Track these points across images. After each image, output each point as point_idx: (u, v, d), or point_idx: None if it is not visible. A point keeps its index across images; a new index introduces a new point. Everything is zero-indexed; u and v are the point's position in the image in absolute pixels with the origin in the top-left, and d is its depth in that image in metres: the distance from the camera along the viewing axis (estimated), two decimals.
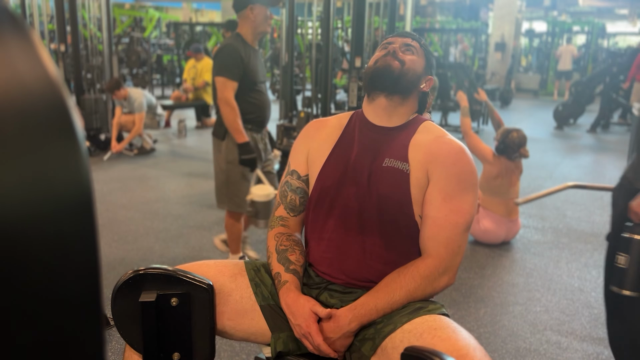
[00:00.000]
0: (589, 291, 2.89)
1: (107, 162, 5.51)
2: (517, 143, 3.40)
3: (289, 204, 1.40)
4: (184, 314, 1.18)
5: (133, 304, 1.15)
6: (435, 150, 1.27)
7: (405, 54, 1.34)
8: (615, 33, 17.54)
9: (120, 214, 3.90)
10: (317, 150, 1.39)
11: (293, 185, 1.40)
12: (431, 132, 1.32)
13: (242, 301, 1.29)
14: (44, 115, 0.38)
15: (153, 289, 1.17)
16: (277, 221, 1.41)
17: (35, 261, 0.38)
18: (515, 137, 3.40)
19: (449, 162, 1.25)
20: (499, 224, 3.45)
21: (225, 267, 1.34)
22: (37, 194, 0.37)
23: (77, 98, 5.72)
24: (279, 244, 1.35)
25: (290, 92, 4.94)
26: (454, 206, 1.24)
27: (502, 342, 2.34)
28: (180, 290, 1.18)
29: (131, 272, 1.18)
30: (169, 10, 21.57)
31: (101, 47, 6.24)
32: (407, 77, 1.32)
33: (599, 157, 6.70)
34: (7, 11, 0.39)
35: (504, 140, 3.42)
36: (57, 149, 0.38)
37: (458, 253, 1.24)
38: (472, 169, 1.28)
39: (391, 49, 1.34)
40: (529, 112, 10.88)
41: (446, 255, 1.23)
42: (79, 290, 0.40)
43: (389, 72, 1.31)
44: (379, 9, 4.96)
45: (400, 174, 1.27)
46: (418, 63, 1.34)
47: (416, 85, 1.35)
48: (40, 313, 0.39)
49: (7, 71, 0.37)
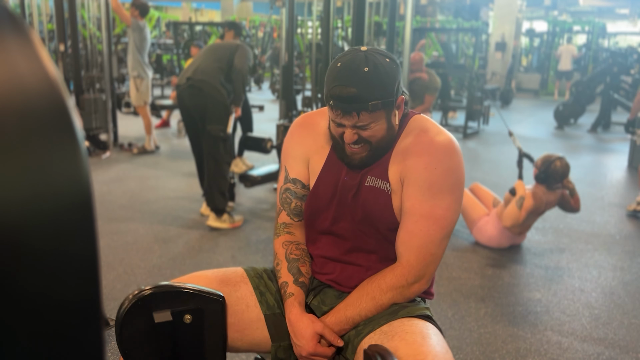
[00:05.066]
0: (590, 291, 2.89)
1: (106, 162, 5.51)
2: (560, 173, 3.17)
3: (294, 210, 1.36)
4: (196, 330, 1.12)
5: (144, 325, 1.07)
6: (408, 153, 1.20)
7: (363, 134, 1.17)
8: (616, 33, 17.53)
9: (119, 214, 3.90)
10: (317, 162, 1.33)
11: (298, 194, 1.35)
12: (412, 133, 1.23)
13: (248, 310, 1.25)
14: (44, 115, 0.37)
15: (163, 308, 1.09)
16: (282, 229, 1.37)
17: (34, 261, 0.38)
18: (559, 166, 3.15)
19: (421, 166, 1.17)
20: (505, 236, 3.40)
21: (226, 276, 1.29)
22: (36, 194, 0.37)
23: (76, 98, 5.72)
24: (288, 252, 1.31)
25: (290, 92, 4.94)
26: (425, 212, 1.16)
27: (502, 343, 2.33)
28: (193, 306, 1.11)
29: (137, 292, 1.09)
30: (169, 10, 21.58)
31: (100, 47, 6.24)
32: (380, 145, 1.20)
33: (600, 157, 6.70)
34: (6, 11, 0.39)
35: (546, 170, 3.18)
36: (56, 149, 0.38)
37: (431, 262, 1.18)
38: (447, 169, 1.17)
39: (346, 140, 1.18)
40: (530, 112, 10.87)
41: (417, 264, 1.17)
42: (79, 290, 0.40)
43: (360, 161, 1.22)
44: (379, 9, 4.96)
45: (382, 194, 1.22)
46: (379, 125, 1.17)
47: (392, 132, 1.21)
48: (40, 313, 0.39)
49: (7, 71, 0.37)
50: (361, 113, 1.13)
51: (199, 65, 3.54)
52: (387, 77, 1.13)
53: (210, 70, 3.50)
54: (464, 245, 3.50)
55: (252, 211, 4.03)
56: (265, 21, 11.53)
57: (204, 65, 3.52)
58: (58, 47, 5.79)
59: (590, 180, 5.36)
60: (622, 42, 17.81)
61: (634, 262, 3.31)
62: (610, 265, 3.26)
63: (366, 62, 1.12)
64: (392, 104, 1.15)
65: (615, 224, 4.08)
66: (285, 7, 4.95)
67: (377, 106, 1.12)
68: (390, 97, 1.14)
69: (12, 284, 0.36)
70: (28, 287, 0.37)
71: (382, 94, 1.12)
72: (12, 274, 0.36)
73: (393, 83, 1.14)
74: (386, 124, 1.18)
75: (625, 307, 2.71)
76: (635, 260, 3.36)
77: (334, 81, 1.13)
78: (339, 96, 1.12)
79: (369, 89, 1.11)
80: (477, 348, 2.28)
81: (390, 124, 1.19)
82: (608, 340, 2.39)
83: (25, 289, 0.37)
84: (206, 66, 3.52)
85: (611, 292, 2.88)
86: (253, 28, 14.73)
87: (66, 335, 0.39)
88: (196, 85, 3.48)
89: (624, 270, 3.19)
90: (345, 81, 1.11)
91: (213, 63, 3.55)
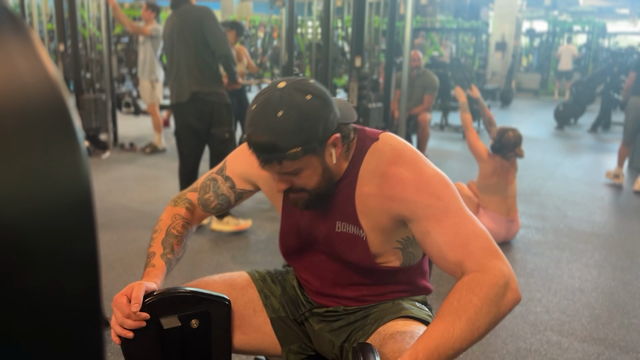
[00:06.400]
0: (590, 291, 2.89)
1: (106, 162, 5.51)
2: (512, 142, 3.41)
3: (204, 200, 1.29)
4: (203, 334, 1.11)
5: (152, 332, 1.05)
6: (390, 193, 1.06)
7: (295, 181, 1.06)
8: (616, 33, 17.53)
9: (119, 214, 3.90)
10: (275, 198, 1.24)
11: (220, 190, 1.27)
12: (377, 170, 1.08)
13: (255, 315, 1.25)
14: (44, 115, 0.37)
15: (170, 313, 1.06)
16: (184, 202, 1.30)
17: (34, 261, 0.38)
18: (511, 136, 3.41)
19: (412, 195, 1.04)
20: (498, 222, 3.46)
21: (233, 279, 1.29)
22: (36, 193, 0.37)
23: (76, 98, 5.73)
24: (172, 225, 1.24)
25: None
26: (459, 215, 1.03)
27: (502, 343, 2.33)
28: (199, 310, 1.09)
29: (144, 299, 1.06)
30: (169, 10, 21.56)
31: (100, 47, 6.24)
32: (320, 191, 1.08)
33: (600, 156, 6.69)
34: (6, 11, 0.39)
35: (500, 140, 3.43)
36: (56, 149, 0.38)
37: (495, 252, 1.02)
38: (431, 180, 1.05)
39: (277, 189, 1.09)
40: (530, 111, 10.87)
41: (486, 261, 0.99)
42: (78, 290, 0.40)
43: (305, 205, 1.12)
44: (379, 9, 4.96)
45: (356, 239, 1.12)
46: (310, 171, 1.04)
47: (330, 173, 1.07)
48: (40, 313, 0.39)
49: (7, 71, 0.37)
50: (283, 162, 1.00)
51: (182, 78, 3.30)
52: (307, 119, 0.97)
53: (196, 73, 3.28)
54: None
55: (252, 211, 4.03)
56: (265, 21, 11.53)
57: (186, 75, 3.29)
58: (58, 47, 5.80)
59: (590, 180, 5.36)
60: (623, 42, 17.81)
61: (634, 262, 3.31)
62: (610, 265, 3.26)
63: (280, 103, 0.97)
64: (317, 148, 1.01)
65: (615, 224, 4.08)
66: (285, 7, 4.95)
67: (298, 154, 0.98)
68: (313, 142, 0.99)
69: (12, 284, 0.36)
70: (28, 287, 0.37)
71: (301, 140, 0.98)
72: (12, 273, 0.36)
73: (316, 125, 0.98)
74: (320, 168, 1.05)
75: (626, 307, 2.71)
76: (635, 260, 3.36)
77: (248, 127, 1.01)
78: (254, 145, 1.00)
79: (285, 137, 0.97)
80: (477, 348, 2.28)
81: (326, 166, 1.05)
82: (608, 340, 2.39)
83: (25, 289, 0.37)
84: (189, 73, 3.28)
85: (611, 292, 2.88)
86: (253, 28, 14.72)
87: (66, 334, 0.39)
88: (194, 101, 3.31)
89: (624, 270, 3.19)
90: (258, 128, 0.98)
91: (191, 61, 3.26)
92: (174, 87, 3.39)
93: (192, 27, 3.27)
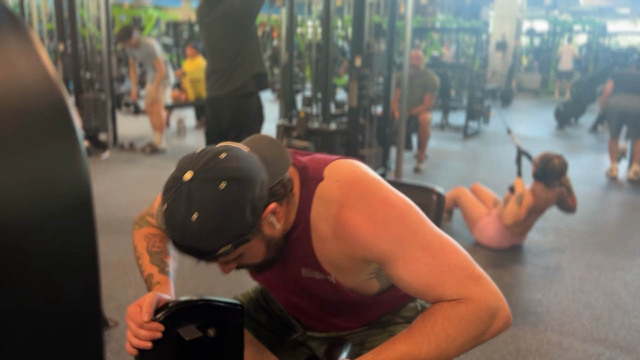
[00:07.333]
0: (590, 292, 2.88)
1: (106, 162, 5.51)
2: (558, 171, 3.21)
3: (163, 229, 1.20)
4: (220, 342, 1.08)
5: (169, 343, 1.01)
6: (348, 241, 0.96)
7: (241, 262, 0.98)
8: (617, 32, 17.53)
9: (119, 214, 3.90)
10: None
11: None
12: (328, 214, 0.97)
13: (252, 346, 1.24)
14: (43, 115, 0.37)
15: (185, 323, 1.03)
16: (144, 222, 1.24)
17: (34, 261, 0.38)
18: (557, 164, 3.20)
19: (370, 243, 0.94)
20: (507, 238, 3.39)
21: None
22: (36, 193, 0.37)
23: (76, 98, 5.72)
24: (150, 245, 1.18)
25: (289, 91, 4.94)
26: (427, 249, 0.93)
27: (503, 343, 2.33)
28: (215, 318, 1.06)
29: (161, 311, 1.01)
30: (168, 10, 21.56)
31: (100, 47, 6.23)
32: (269, 259, 1.01)
33: (600, 156, 6.69)
34: (6, 11, 0.38)
35: (544, 168, 3.21)
36: (56, 149, 0.37)
37: (473, 276, 0.93)
38: (387, 220, 0.94)
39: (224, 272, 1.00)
40: (530, 111, 10.87)
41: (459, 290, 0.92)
42: (78, 290, 0.40)
43: (260, 269, 1.06)
44: (379, 8, 4.96)
45: (326, 283, 1.06)
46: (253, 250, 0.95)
47: (274, 241, 0.98)
48: (39, 313, 0.38)
49: (7, 71, 0.37)
50: (218, 259, 0.91)
51: (223, 72, 3.24)
52: (228, 213, 0.85)
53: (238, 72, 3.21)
54: (465, 246, 3.45)
55: None
56: (264, 21, 11.54)
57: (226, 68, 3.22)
58: (57, 47, 5.79)
59: (590, 180, 5.35)
60: (623, 42, 17.81)
61: (634, 262, 3.31)
62: (611, 265, 3.26)
63: (189, 205, 0.84)
64: (249, 235, 0.89)
65: (615, 224, 4.07)
66: (285, 6, 4.94)
67: (229, 250, 0.88)
68: (243, 235, 0.88)
69: (12, 284, 0.36)
70: (27, 287, 0.37)
71: (228, 238, 0.86)
72: (11, 273, 0.36)
73: (240, 215, 0.86)
74: (263, 243, 0.96)
75: (626, 308, 2.71)
76: (636, 260, 3.36)
77: (166, 230, 0.89)
78: (180, 250, 0.90)
79: (208, 242, 0.86)
80: (477, 348, 2.27)
81: (270, 237, 0.96)
82: (609, 340, 2.39)
83: (25, 289, 0.37)
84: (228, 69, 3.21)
85: (612, 292, 2.88)
86: None
87: (66, 334, 0.39)
88: (233, 99, 3.26)
89: (624, 270, 3.19)
90: (176, 235, 0.87)
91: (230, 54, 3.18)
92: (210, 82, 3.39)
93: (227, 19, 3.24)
